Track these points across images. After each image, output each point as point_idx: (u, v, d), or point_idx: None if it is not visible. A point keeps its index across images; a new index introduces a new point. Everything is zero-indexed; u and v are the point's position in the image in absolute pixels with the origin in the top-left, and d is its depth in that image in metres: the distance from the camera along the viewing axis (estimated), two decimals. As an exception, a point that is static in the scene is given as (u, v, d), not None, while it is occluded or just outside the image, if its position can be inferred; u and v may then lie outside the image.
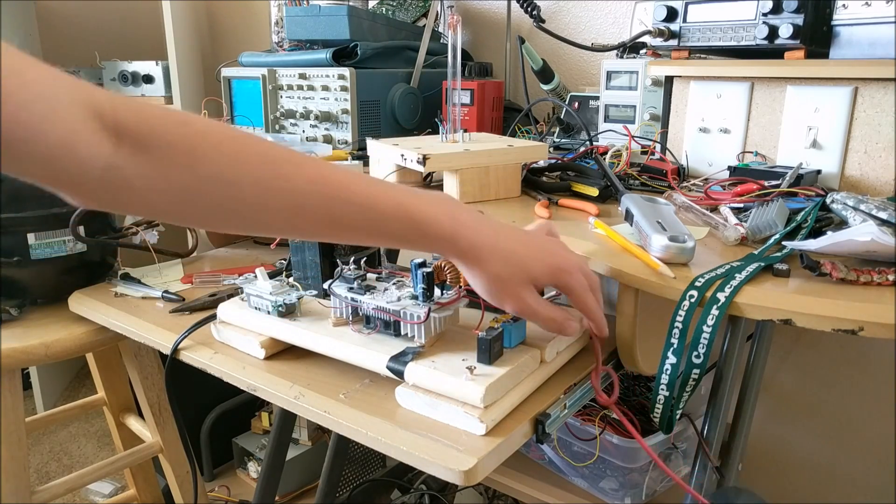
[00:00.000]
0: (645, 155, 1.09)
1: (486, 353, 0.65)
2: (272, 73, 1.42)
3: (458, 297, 0.71)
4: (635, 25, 1.33)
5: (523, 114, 1.41)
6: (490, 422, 0.61)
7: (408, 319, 0.69)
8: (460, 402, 0.62)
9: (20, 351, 1.00)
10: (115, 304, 0.99)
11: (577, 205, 0.93)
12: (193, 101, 2.06)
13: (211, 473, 1.82)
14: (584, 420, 1.02)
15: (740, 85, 1.00)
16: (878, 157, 0.89)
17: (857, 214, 0.73)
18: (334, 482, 1.61)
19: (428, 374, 0.65)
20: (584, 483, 1.05)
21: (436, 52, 1.50)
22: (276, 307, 0.78)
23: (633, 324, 0.76)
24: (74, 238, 1.08)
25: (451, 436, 0.61)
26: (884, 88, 0.88)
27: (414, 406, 0.66)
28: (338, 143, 1.37)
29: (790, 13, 0.91)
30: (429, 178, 1.08)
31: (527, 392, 0.67)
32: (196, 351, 0.82)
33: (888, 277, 0.62)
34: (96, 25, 2.33)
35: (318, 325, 0.76)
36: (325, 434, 1.77)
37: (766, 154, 1.00)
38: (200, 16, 2.28)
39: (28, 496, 1.11)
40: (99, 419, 2.23)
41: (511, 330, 0.69)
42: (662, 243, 0.69)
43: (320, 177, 0.58)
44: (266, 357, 0.79)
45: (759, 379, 0.89)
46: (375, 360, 0.69)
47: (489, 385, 0.61)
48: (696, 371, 0.67)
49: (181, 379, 0.88)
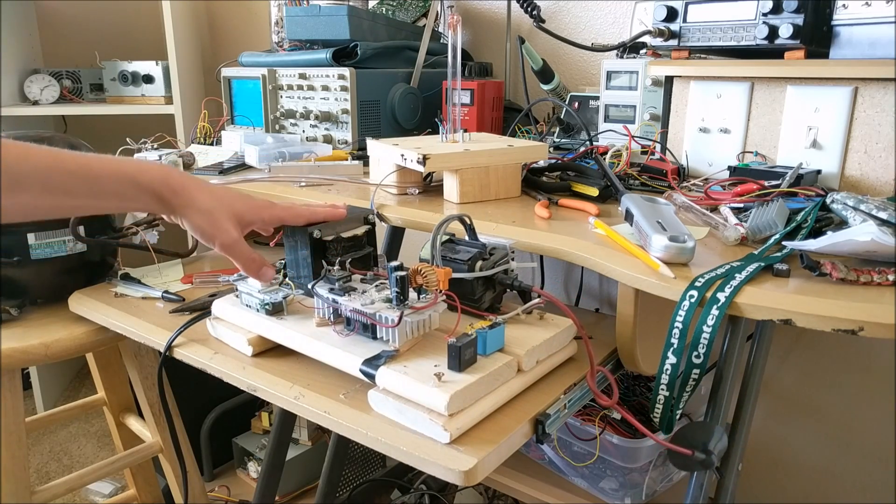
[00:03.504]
0: (645, 155, 1.09)
1: (455, 360, 0.64)
2: (272, 73, 1.42)
3: (433, 301, 0.70)
4: (635, 25, 1.33)
5: (523, 114, 1.40)
6: (455, 430, 0.60)
7: (381, 322, 0.68)
8: (426, 409, 0.62)
9: (20, 351, 1.00)
10: (115, 305, 0.99)
11: (577, 205, 0.93)
12: (193, 101, 2.06)
13: (211, 473, 1.82)
14: (584, 420, 1.02)
15: (740, 85, 1.00)
16: (878, 157, 0.89)
17: (857, 214, 0.73)
18: (334, 482, 1.61)
19: (397, 379, 0.65)
20: (584, 483, 1.05)
21: (436, 52, 1.50)
22: (263, 305, 0.79)
23: (633, 324, 0.76)
24: (74, 238, 1.08)
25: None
26: (884, 88, 0.88)
27: (385, 410, 0.65)
28: (338, 143, 1.37)
29: (790, 13, 0.91)
30: (429, 178, 1.08)
31: (500, 401, 0.66)
32: (196, 351, 0.82)
33: (888, 277, 0.62)
34: (96, 25, 2.34)
35: (302, 325, 0.77)
36: (325, 434, 1.77)
37: (766, 154, 1.00)
38: (200, 16, 2.28)
39: (28, 496, 1.11)
40: (99, 419, 2.23)
41: (486, 337, 0.67)
42: (662, 243, 0.69)
43: (29, 153, 0.64)
44: (254, 354, 0.79)
45: (759, 379, 0.89)
46: (350, 361, 0.69)
47: (454, 393, 0.61)
48: (696, 371, 0.67)
49: (181, 379, 0.89)
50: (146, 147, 1.37)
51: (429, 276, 0.69)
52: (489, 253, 0.77)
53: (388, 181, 1.05)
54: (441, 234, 0.77)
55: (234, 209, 0.76)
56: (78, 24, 2.33)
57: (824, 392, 1.33)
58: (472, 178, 0.97)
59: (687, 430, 0.73)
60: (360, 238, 0.85)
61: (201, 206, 0.73)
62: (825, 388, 1.32)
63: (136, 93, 2.02)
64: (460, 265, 0.75)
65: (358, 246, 0.84)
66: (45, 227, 1.06)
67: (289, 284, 0.82)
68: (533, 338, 0.72)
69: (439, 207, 0.96)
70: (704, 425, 0.76)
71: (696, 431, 0.73)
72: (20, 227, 1.05)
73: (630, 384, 1.14)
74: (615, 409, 0.71)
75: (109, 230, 1.14)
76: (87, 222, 1.09)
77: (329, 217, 0.81)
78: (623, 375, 1.14)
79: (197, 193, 0.74)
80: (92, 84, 2.10)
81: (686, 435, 0.72)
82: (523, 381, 0.70)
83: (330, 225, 0.81)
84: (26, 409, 1.19)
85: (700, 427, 0.75)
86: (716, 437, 0.72)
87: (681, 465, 0.75)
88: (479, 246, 0.78)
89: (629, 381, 1.14)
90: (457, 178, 0.96)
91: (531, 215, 0.90)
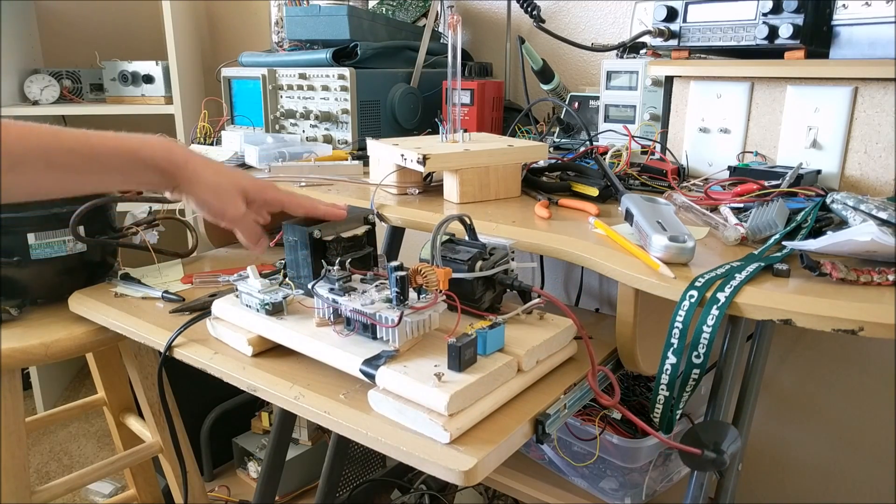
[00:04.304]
0: (645, 155, 1.09)
1: (455, 360, 0.64)
2: (272, 73, 1.42)
3: (433, 301, 0.70)
4: (635, 25, 1.33)
5: (523, 114, 1.40)
6: (455, 430, 0.60)
7: (381, 322, 0.68)
8: (426, 409, 0.62)
9: (20, 351, 1.00)
10: (115, 305, 0.99)
11: (577, 205, 0.93)
12: (193, 101, 2.06)
13: (211, 473, 1.82)
14: (584, 420, 1.02)
15: (740, 85, 1.00)
16: (878, 157, 0.89)
17: (857, 214, 0.73)
18: (334, 482, 1.61)
19: (397, 379, 0.65)
20: (584, 483, 1.05)
21: (436, 52, 1.50)
22: (263, 305, 0.79)
23: (633, 324, 0.76)
24: (74, 238, 1.08)
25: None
26: (884, 88, 0.88)
27: (385, 410, 0.65)
28: (338, 143, 1.37)
29: (790, 13, 0.91)
30: (429, 178, 1.08)
31: (500, 401, 0.66)
32: (196, 351, 0.82)
33: (888, 277, 0.62)
34: (96, 25, 2.34)
35: (302, 325, 0.77)
36: (325, 434, 1.77)
37: (766, 154, 1.00)
38: (200, 16, 2.28)
39: (28, 496, 1.11)
40: (99, 419, 2.23)
41: (486, 337, 0.67)
42: (662, 243, 0.69)
43: (29, 132, 0.64)
44: (254, 354, 0.79)
45: (759, 379, 0.89)
46: (350, 361, 0.69)
47: (454, 393, 0.61)
48: (696, 371, 0.67)
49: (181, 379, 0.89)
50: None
51: (429, 276, 0.69)
52: (489, 253, 0.77)
53: (388, 181, 1.05)
54: (441, 234, 0.77)
55: (240, 184, 0.76)
56: (78, 24, 2.33)
57: (824, 392, 1.33)
58: (472, 178, 0.97)
59: (699, 428, 0.72)
60: (360, 238, 0.85)
61: (207, 180, 0.73)
62: (825, 388, 1.32)
63: (136, 93, 2.02)
64: (460, 265, 0.75)
65: (358, 246, 0.84)
66: (45, 227, 1.06)
67: (289, 284, 0.82)
68: (533, 338, 0.72)
69: (439, 207, 0.96)
70: (717, 424, 0.76)
71: (707, 430, 0.73)
72: (20, 226, 1.05)
73: (630, 384, 1.14)
74: (616, 408, 0.71)
75: (109, 230, 1.14)
76: (87, 222, 1.09)
77: (328, 215, 0.81)
78: (623, 375, 1.14)
79: (202, 169, 0.73)
80: (92, 84, 2.10)
81: (698, 433, 0.72)
82: (523, 381, 0.70)
83: (330, 225, 0.81)
84: (26, 409, 1.19)
85: (712, 426, 0.74)
86: (730, 438, 0.71)
87: (692, 465, 0.75)
88: (479, 246, 0.78)
89: (629, 381, 1.14)
90: (457, 178, 0.96)
91: (531, 215, 0.90)
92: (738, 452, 0.84)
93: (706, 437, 0.71)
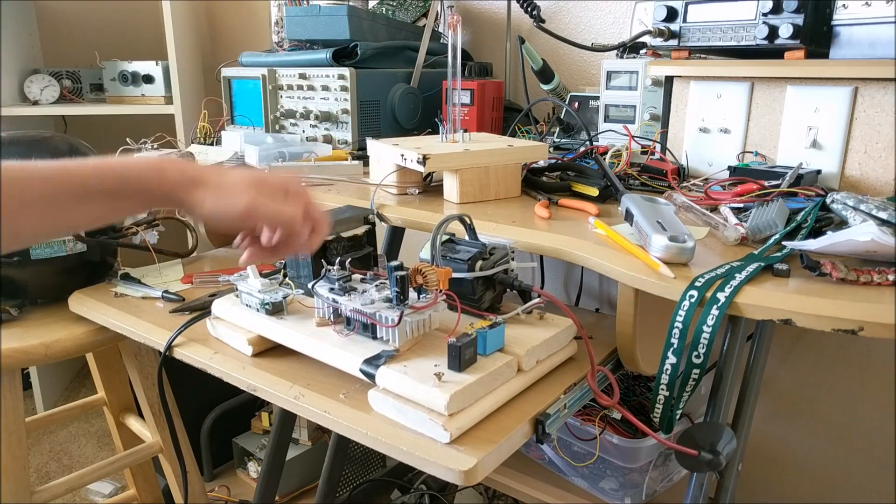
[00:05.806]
0: (645, 155, 1.09)
1: (455, 360, 0.65)
2: (272, 73, 1.42)
3: (433, 301, 0.70)
4: (635, 25, 1.33)
5: (523, 114, 1.40)
6: (455, 430, 0.60)
7: (381, 322, 0.68)
8: (426, 409, 0.62)
9: (20, 351, 1.00)
10: (115, 304, 0.99)
11: (577, 205, 0.93)
12: (193, 101, 2.06)
13: (211, 473, 1.82)
14: (584, 420, 1.02)
15: (740, 85, 1.00)
16: (878, 157, 0.89)
17: (857, 214, 0.73)
18: (334, 482, 1.61)
19: (397, 379, 0.65)
20: (584, 483, 1.05)
21: (436, 52, 1.50)
22: (263, 305, 0.79)
23: (633, 324, 0.76)
24: (74, 238, 1.08)
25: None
26: (884, 88, 0.88)
27: (385, 410, 0.65)
28: (338, 143, 1.37)
29: (790, 13, 0.91)
30: (429, 178, 1.08)
31: (500, 401, 0.66)
32: (196, 351, 0.82)
33: (888, 277, 0.62)
34: (96, 25, 2.33)
35: (302, 325, 0.77)
36: (325, 434, 1.77)
37: (766, 154, 1.00)
38: (200, 16, 2.28)
39: (28, 496, 1.11)
40: (99, 419, 2.23)
41: (486, 337, 0.68)
42: (662, 243, 0.69)
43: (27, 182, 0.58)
44: (254, 354, 0.79)
45: (759, 379, 0.89)
46: (350, 361, 0.69)
47: (454, 393, 0.61)
48: (696, 371, 0.67)
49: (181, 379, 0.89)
50: (146, 147, 1.37)
51: (429, 276, 0.69)
52: (489, 253, 0.77)
53: (388, 181, 1.05)
54: (441, 234, 0.77)
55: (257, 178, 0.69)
56: (78, 24, 2.33)
57: (824, 392, 1.33)
58: (472, 178, 0.97)
59: (694, 430, 0.72)
60: (360, 238, 0.85)
61: (225, 182, 0.67)
62: (825, 388, 1.32)
63: (136, 93, 2.01)
64: (460, 265, 0.75)
65: (358, 246, 0.84)
66: (45, 227, 1.06)
67: (289, 284, 0.82)
68: (533, 338, 0.72)
69: (439, 207, 0.96)
70: (713, 425, 0.76)
71: (703, 431, 0.73)
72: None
73: (630, 384, 1.14)
74: (616, 409, 0.71)
75: (109, 230, 1.14)
76: (87, 222, 1.09)
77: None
78: (623, 375, 1.14)
79: (214, 176, 0.67)
80: (92, 84, 2.10)
81: (693, 435, 0.72)
82: (523, 380, 0.70)
83: (330, 225, 0.81)
84: (26, 409, 1.19)
85: (708, 427, 0.74)
86: (725, 439, 0.71)
87: (688, 466, 0.75)
88: (479, 246, 0.78)
89: (629, 381, 1.14)
90: (457, 178, 0.96)
91: (531, 215, 0.90)
92: (734, 453, 0.84)
93: (702, 439, 0.71)
